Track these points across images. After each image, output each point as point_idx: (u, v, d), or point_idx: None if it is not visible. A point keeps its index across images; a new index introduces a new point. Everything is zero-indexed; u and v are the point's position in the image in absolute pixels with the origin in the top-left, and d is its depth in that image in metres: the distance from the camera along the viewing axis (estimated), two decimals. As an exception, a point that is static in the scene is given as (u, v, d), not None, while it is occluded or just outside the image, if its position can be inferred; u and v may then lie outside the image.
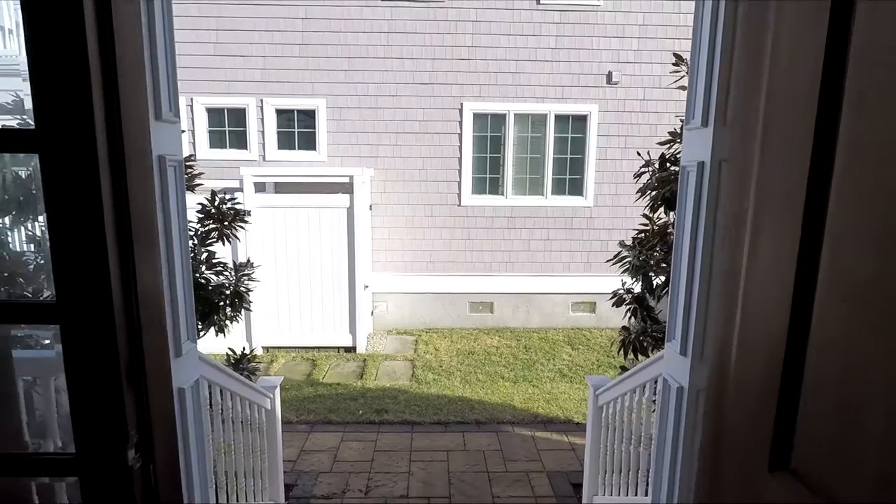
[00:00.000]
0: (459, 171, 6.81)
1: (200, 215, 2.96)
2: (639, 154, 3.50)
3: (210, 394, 2.20)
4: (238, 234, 2.97)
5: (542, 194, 6.93)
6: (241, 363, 3.00)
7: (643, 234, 3.20)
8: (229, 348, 3.26)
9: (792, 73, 0.73)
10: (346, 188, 5.96)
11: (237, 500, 2.50)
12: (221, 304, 2.74)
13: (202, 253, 2.71)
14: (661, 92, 6.48)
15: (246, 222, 2.94)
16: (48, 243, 0.69)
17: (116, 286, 0.70)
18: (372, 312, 6.73)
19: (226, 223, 2.82)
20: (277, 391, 2.83)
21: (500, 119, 6.78)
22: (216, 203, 2.87)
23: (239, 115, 6.67)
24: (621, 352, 3.33)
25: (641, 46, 6.65)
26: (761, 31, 0.84)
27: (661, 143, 3.21)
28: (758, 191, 0.76)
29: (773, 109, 0.76)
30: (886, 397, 0.53)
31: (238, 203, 3.08)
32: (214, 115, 6.69)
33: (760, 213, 0.75)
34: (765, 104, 0.78)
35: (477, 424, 4.60)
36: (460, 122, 6.72)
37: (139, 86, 0.84)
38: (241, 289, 2.78)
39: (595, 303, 6.92)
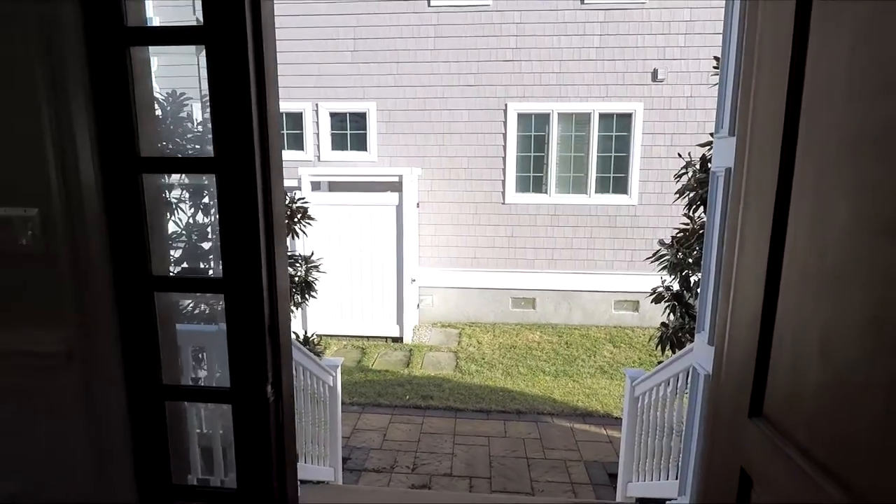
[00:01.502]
0: (503, 170, 7.00)
1: (272, 213, 3.32)
2: (679, 155, 3.60)
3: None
4: (306, 230, 3.33)
5: (586, 192, 7.01)
6: (307, 345, 3.36)
7: (682, 234, 3.30)
8: (294, 332, 3.63)
9: (768, 87, 0.89)
10: (396, 187, 6.29)
11: (304, 462, 2.86)
12: (292, 291, 3.10)
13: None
14: (708, 89, 6.39)
15: (312, 219, 3.29)
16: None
17: (264, 266, 0.99)
18: (418, 305, 7.05)
19: (295, 219, 3.18)
20: (339, 370, 3.17)
21: (543, 119, 6.91)
22: (287, 202, 3.24)
23: (296, 119, 7.14)
24: (659, 347, 3.45)
25: (688, 42, 6.59)
26: (752, 38, 0.98)
27: (702, 145, 3.30)
28: (745, 197, 0.95)
29: (755, 121, 0.93)
30: (819, 357, 0.73)
31: (306, 202, 3.43)
32: (274, 118, 7.20)
33: (747, 216, 0.94)
34: (751, 115, 0.94)
35: (517, 414, 4.81)
36: (504, 122, 6.90)
37: (275, 103, 1.10)
38: (310, 279, 3.13)
39: (638, 302, 6.94)
